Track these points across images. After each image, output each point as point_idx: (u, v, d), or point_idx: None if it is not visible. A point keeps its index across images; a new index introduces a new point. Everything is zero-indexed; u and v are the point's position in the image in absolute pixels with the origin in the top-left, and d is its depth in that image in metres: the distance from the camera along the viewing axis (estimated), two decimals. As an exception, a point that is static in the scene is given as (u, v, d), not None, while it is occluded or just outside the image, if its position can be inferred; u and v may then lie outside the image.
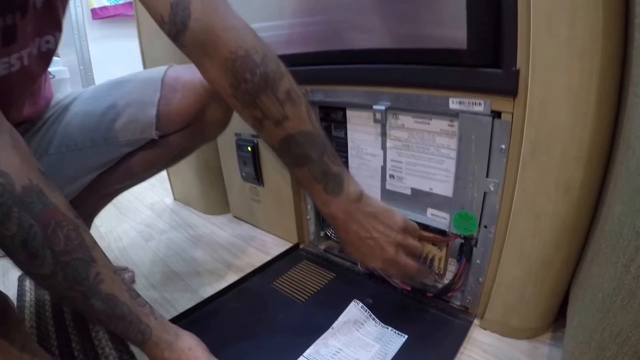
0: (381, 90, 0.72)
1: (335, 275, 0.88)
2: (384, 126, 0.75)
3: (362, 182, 0.82)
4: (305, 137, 0.57)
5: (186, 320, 0.77)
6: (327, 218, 0.64)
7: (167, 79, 0.74)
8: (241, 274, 0.91)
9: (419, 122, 0.70)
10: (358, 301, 0.75)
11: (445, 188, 0.71)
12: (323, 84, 0.80)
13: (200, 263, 1.03)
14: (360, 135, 0.81)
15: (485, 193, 0.64)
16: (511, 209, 0.60)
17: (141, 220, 1.34)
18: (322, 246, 1.01)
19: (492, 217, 0.64)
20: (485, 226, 0.66)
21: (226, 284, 0.88)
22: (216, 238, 1.16)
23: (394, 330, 0.70)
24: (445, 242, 0.72)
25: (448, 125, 0.67)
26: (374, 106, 0.73)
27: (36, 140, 0.73)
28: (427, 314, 0.74)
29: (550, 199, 0.56)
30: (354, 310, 0.74)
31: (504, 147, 0.59)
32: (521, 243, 0.61)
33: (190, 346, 0.58)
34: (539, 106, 0.53)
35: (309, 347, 0.67)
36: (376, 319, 0.72)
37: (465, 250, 0.70)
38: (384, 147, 0.78)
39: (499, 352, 0.66)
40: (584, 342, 0.42)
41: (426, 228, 0.74)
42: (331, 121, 0.86)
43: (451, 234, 0.71)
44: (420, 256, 0.71)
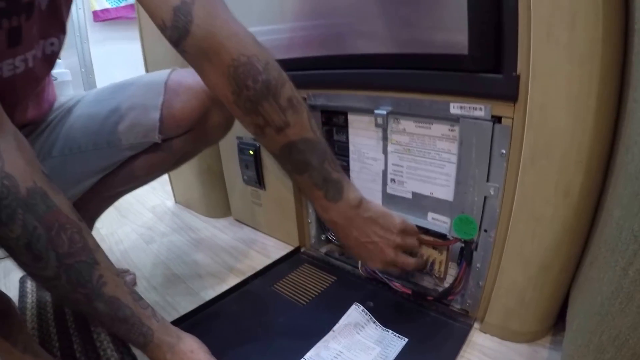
0: (383, 95, 0.72)
1: (336, 278, 0.89)
2: (385, 130, 0.76)
3: (363, 186, 0.83)
4: (307, 144, 0.57)
5: (187, 323, 0.77)
6: (328, 224, 0.65)
7: (170, 82, 0.75)
8: (242, 277, 0.91)
9: (420, 127, 0.71)
10: (359, 304, 0.75)
11: (445, 192, 0.71)
12: (325, 88, 0.81)
13: (201, 266, 1.03)
14: (362, 139, 0.81)
15: (485, 197, 0.64)
16: (511, 213, 0.61)
17: (142, 223, 1.35)
18: (323, 249, 1.01)
19: (493, 221, 0.64)
20: (486, 230, 0.66)
21: (227, 286, 0.88)
22: (217, 241, 1.16)
23: (395, 333, 0.70)
24: (446, 246, 0.73)
25: (449, 130, 0.67)
26: (375, 111, 0.73)
27: (39, 142, 0.73)
28: (427, 317, 0.74)
29: (550, 203, 0.57)
30: (355, 313, 0.74)
31: (504, 151, 0.59)
32: (521, 247, 0.61)
33: (192, 348, 0.58)
34: (539, 111, 0.53)
35: (310, 349, 0.68)
36: (377, 322, 0.72)
37: (466, 254, 0.70)
38: (385, 152, 0.78)
39: (498, 355, 0.66)
40: (583, 345, 0.42)
41: (427, 232, 0.75)
42: (333, 125, 0.87)
43: (451, 238, 0.71)
44: (417, 253, 0.72)
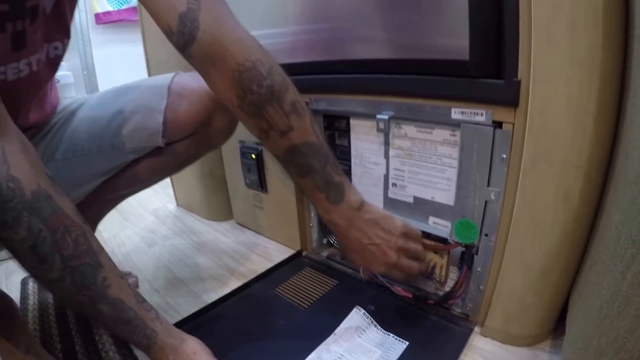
0: (384, 100, 0.73)
1: (337, 282, 0.89)
2: (387, 135, 0.76)
3: (365, 190, 0.84)
4: (309, 147, 0.58)
5: (189, 325, 0.77)
6: (329, 225, 0.65)
7: (174, 86, 0.75)
8: (244, 280, 0.91)
9: (422, 132, 0.71)
10: (360, 308, 0.75)
11: (447, 197, 0.72)
12: (327, 93, 0.81)
13: (203, 269, 1.03)
14: (364, 143, 0.82)
15: (486, 202, 0.65)
16: (512, 218, 0.61)
17: (144, 225, 1.35)
18: (325, 253, 1.01)
19: (493, 226, 0.65)
20: (486, 234, 0.66)
21: (229, 289, 0.88)
22: (219, 244, 1.17)
23: (396, 336, 0.70)
24: (447, 250, 0.73)
25: (450, 135, 0.68)
26: (377, 115, 0.74)
27: (43, 145, 0.73)
28: (428, 321, 0.75)
29: (550, 207, 0.57)
30: (356, 317, 0.74)
31: (504, 156, 0.60)
32: (521, 251, 0.62)
33: (195, 350, 0.59)
34: (540, 116, 0.54)
35: (311, 352, 0.68)
36: (378, 325, 0.73)
37: (466, 258, 0.71)
38: (386, 156, 0.79)
39: (499, 359, 0.66)
40: (582, 348, 0.43)
41: (428, 236, 0.75)
42: (335, 130, 0.87)
43: (452, 242, 0.72)
44: (423, 258, 0.71)
